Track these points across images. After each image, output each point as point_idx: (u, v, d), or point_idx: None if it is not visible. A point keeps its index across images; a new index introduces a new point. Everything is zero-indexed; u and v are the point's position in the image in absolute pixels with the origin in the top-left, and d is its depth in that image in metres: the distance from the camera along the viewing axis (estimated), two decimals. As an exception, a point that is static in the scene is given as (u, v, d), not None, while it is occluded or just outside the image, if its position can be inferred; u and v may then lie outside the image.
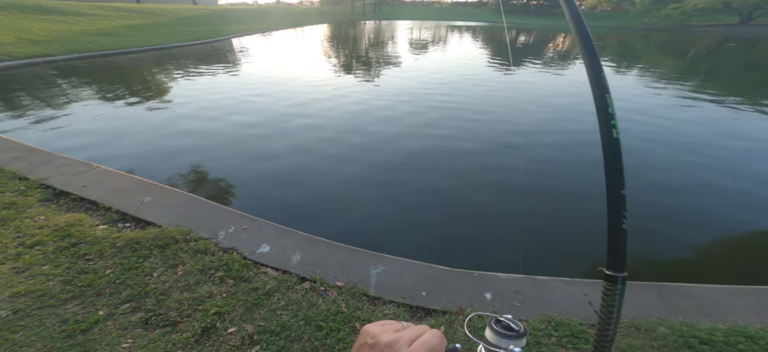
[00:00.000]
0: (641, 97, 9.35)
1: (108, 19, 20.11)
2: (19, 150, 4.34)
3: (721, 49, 21.53)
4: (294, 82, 10.35)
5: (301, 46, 20.56)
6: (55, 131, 6.02)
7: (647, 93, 9.90)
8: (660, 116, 7.47)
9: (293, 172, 4.77)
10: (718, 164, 5.25)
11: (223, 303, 2.18)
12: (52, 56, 10.83)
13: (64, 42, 12.80)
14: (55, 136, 5.78)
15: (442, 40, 24.86)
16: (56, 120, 6.54)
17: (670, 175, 4.90)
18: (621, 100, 8.57)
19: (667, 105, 8.60)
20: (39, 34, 13.52)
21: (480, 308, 2.28)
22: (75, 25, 16.63)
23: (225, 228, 2.94)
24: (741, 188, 4.56)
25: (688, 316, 2.25)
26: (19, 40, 11.94)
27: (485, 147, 5.76)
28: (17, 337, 1.82)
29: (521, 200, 4.23)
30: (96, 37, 14.91)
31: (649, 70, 13.77)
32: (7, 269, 2.40)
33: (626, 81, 11.84)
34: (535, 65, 14.57)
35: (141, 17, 23.13)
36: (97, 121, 6.67)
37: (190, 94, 8.74)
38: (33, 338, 1.82)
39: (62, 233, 2.83)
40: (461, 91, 9.53)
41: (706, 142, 6.16)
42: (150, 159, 5.10)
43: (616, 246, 0.61)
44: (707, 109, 8.31)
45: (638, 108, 8.11)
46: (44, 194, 3.46)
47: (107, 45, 13.51)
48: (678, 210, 4.09)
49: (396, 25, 39.85)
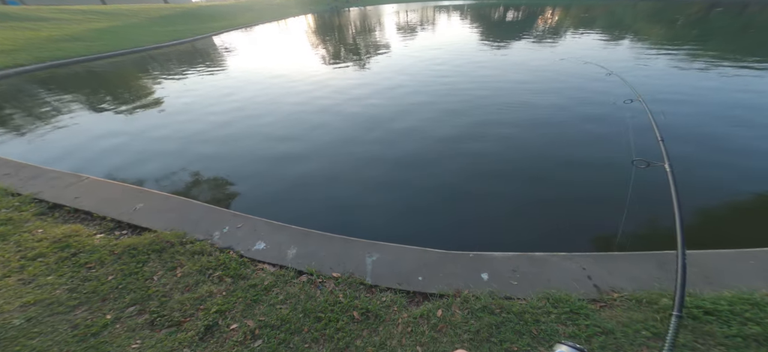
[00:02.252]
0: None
1: (74, 23, 20.29)
2: (7, 166, 4.66)
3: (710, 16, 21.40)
4: (287, 77, 10.49)
5: (289, 40, 20.40)
6: (39, 144, 6.36)
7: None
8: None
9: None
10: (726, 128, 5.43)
11: (224, 301, 2.44)
12: (22, 66, 11.13)
13: (33, 50, 13.06)
14: (40, 149, 6.12)
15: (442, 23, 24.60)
16: (40, 133, 6.87)
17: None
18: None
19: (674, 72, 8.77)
20: (3, 43, 13.80)
21: (477, 289, 2.49)
22: (40, 32, 16.83)
23: (219, 228, 3.20)
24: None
25: (691, 285, 2.38)
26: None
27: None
28: (34, 342, 2.12)
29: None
30: (64, 43, 15.15)
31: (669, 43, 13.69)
32: (14, 281, 2.70)
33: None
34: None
35: (110, 19, 23.34)
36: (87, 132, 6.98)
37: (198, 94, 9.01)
38: (49, 343, 2.11)
39: (61, 244, 3.12)
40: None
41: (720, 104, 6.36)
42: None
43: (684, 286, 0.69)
44: (722, 73, 8.46)
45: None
46: (39, 208, 3.75)
47: (78, 50, 13.77)
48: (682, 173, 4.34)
49: (382, 10, 39.79)
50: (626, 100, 3.74)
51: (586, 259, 2.63)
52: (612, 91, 7.13)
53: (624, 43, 14.16)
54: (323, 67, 12.21)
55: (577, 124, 5.96)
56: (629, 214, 2.96)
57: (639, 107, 3.39)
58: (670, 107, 6.39)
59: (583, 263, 2.60)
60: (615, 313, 2.29)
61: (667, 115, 5.85)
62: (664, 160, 2.33)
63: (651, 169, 2.37)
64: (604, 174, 4.45)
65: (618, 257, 2.68)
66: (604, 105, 6.66)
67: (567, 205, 3.95)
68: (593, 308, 2.33)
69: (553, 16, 24.38)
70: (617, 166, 4.47)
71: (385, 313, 2.36)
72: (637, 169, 2.41)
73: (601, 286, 2.47)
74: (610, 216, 3.46)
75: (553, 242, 3.32)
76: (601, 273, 2.54)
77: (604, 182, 4.31)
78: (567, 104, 6.89)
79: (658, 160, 2.37)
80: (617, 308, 2.33)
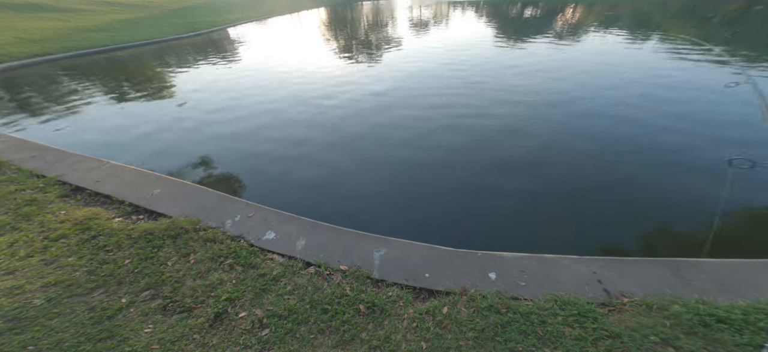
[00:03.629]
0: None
1: (99, 14, 20.68)
2: (34, 149, 4.76)
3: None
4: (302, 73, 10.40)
5: (308, 34, 19.92)
6: (65, 129, 6.49)
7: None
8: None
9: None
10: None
11: (234, 289, 2.44)
12: (50, 54, 11.41)
13: (61, 40, 13.34)
14: (65, 134, 6.25)
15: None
16: (64, 118, 7.02)
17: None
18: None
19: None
20: (35, 33, 14.17)
21: (484, 288, 2.43)
22: (68, 22, 17.25)
23: (232, 216, 3.20)
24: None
25: (705, 293, 2.30)
26: (16, 39, 12.63)
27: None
28: (53, 323, 2.16)
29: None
30: (90, 33, 15.43)
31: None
32: (37, 261, 2.76)
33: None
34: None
35: (133, 11, 23.72)
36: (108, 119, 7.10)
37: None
38: (67, 325, 2.15)
39: (82, 226, 3.18)
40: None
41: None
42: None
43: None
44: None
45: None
46: (62, 190, 3.83)
47: (103, 41, 14.00)
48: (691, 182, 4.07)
49: (395, 4, 38.95)
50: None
51: (598, 262, 2.53)
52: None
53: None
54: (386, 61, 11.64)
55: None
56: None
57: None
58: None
59: (594, 266, 2.50)
60: (624, 317, 2.21)
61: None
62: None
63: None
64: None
65: (630, 261, 2.57)
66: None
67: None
68: (602, 312, 2.25)
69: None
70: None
71: (391, 308, 2.32)
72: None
73: (611, 290, 2.37)
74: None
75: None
76: (612, 277, 2.44)
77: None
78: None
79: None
80: (626, 312, 2.25)
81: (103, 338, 2.07)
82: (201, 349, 2.03)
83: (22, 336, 2.06)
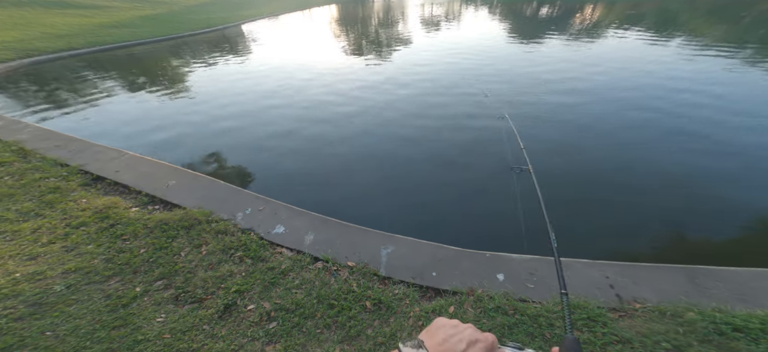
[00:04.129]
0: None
1: (122, 10, 21.19)
2: (58, 139, 4.91)
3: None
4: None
5: (321, 32, 19.71)
6: (87, 120, 6.69)
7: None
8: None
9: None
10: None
11: (243, 281, 2.47)
12: (76, 49, 11.75)
13: (86, 35, 13.73)
14: (88, 125, 6.44)
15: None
16: (87, 110, 7.21)
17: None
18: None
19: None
20: (62, 28, 14.64)
21: (491, 289, 2.38)
22: (93, 18, 17.77)
23: (243, 209, 3.23)
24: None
25: (723, 302, 2.21)
26: (44, 34, 13.07)
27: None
28: (71, 310, 2.23)
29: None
30: (113, 29, 15.83)
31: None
32: (58, 247, 2.85)
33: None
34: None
35: (153, 7, 24.21)
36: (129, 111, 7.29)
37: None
38: (84, 311, 2.22)
39: (102, 214, 3.26)
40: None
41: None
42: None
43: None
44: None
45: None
46: (84, 179, 3.95)
47: (124, 36, 14.32)
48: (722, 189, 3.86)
49: (406, 2, 38.12)
50: None
51: (611, 267, 2.44)
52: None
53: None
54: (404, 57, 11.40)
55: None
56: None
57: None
58: None
59: (607, 271, 2.42)
60: (635, 323, 2.14)
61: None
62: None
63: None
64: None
65: (645, 267, 2.47)
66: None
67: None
68: (612, 317, 2.18)
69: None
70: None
71: (397, 305, 2.31)
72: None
73: (623, 295, 2.30)
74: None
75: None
76: (626, 283, 2.35)
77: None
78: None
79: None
80: (638, 318, 2.18)
81: (118, 326, 2.12)
82: (210, 340, 2.06)
83: (42, 321, 2.13)
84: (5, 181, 3.80)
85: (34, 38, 12.17)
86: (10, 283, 2.41)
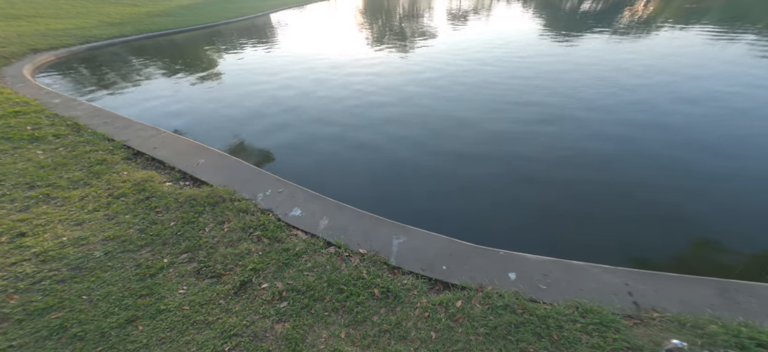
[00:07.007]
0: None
1: (167, 0, 21.63)
2: (107, 116, 5.16)
3: None
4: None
5: (342, 21, 19.11)
6: (132, 100, 6.99)
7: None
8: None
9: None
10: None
11: (259, 260, 2.49)
12: (126, 37, 12.33)
13: (135, 23, 14.35)
14: (132, 103, 6.74)
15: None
16: (131, 92, 7.53)
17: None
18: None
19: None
20: (115, 17, 15.39)
21: (501, 287, 2.25)
22: (142, 7, 18.53)
23: (263, 190, 3.25)
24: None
25: (752, 317, 1.98)
26: (101, 23, 13.77)
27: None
28: (106, 276, 2.34)
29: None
30: (158, 17, 16.40)
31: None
32: (101, 215, 3.00)
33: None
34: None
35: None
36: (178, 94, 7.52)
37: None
38: (116, 278, 2.32)
39: (139, 187, 3.40)
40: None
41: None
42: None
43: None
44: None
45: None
46: (126, 153, 4.13)
47: (168, 24, 14.85)
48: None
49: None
50: None
51: (632, 274, 2.23)
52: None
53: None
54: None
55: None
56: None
57: None
58: None
59: (627, 278, 2.21)
60: (649, 331, 1.96)
61: None
62: None
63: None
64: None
65: (670, 277, 2.24)
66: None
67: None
68: (626, 324, 2.01)
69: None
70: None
71: (405, 295, 2.24)
72: None
73: (641, 303, 2.10)
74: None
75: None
76: (646, 290, 2.15)
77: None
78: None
79: None
80: (654, 327, 2.00)
81: (143, 295, 2.20)
82: (225, 314, 2.09)
83: (80, 285, 2.25)
84: (60, 152, 4.04)
85: (92, 26, 12.82)
86: (57, 246, 2.57)
